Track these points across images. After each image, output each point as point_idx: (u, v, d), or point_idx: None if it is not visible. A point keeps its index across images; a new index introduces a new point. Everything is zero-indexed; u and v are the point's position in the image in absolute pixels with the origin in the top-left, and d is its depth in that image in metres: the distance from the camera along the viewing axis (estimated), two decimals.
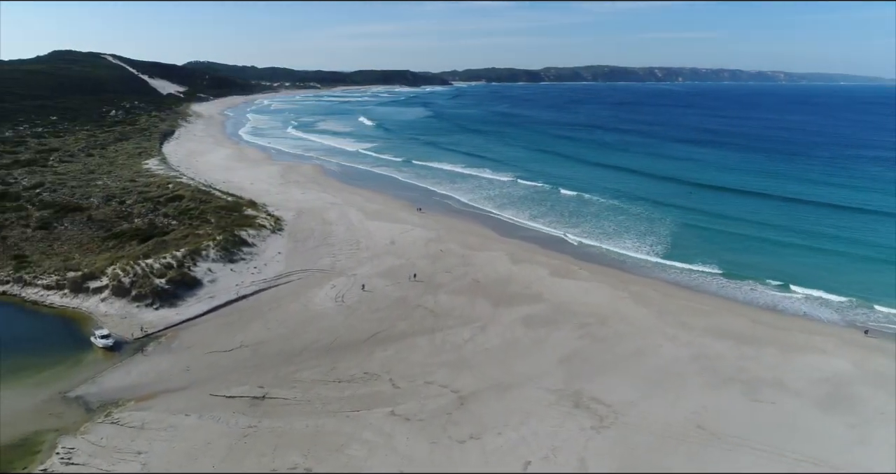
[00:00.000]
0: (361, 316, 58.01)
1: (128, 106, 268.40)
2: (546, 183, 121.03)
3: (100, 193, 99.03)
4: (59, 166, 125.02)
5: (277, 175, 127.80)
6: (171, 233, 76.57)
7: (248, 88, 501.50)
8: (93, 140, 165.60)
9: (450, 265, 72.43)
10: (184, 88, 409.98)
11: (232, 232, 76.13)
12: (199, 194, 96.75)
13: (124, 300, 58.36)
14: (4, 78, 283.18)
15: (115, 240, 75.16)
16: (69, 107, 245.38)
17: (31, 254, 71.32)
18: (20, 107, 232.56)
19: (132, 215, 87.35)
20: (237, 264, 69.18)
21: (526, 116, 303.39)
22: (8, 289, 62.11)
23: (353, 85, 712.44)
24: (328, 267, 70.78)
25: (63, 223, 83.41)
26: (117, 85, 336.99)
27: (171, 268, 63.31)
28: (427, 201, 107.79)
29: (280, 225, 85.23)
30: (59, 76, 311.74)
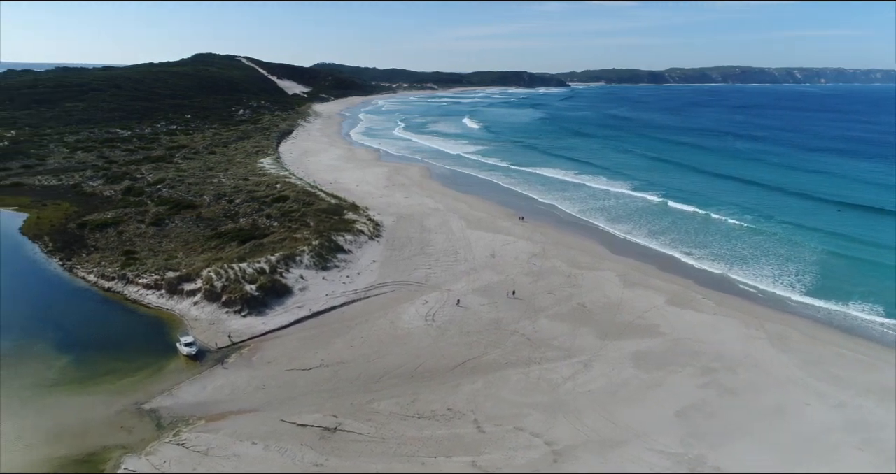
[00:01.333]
0: (451, 339, 53.09)
1: (255, 105, 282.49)
2: (665, 195, 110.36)
3: (212, 191, 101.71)
4: (182, 163, 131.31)
5: (384, 177, 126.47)
6: (269, 236, 75.87)
7: (368, 89, 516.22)
8: (217, 138, 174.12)
9: (553, 284, 65.88)
10: (308, 89, 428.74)
11: (329, 237, 74.11)
12: (303, 195, 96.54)
13: (214, 305, 57.33)
14: (152, 79, 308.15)
15: (217, 240, 75.56)
16: (203, 106, 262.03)
17: (140, 251, 73.11)
18: (161, 105, 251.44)
19: (238, 214, 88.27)
20: (330, 272, 66.74)
21: (643, 120, 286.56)
22: (113, 286, 63.36)
23: (470, 86, 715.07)
24: (422, 279, 66.63)
25: (174, 220, 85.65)
26: (248, 85, 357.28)
27: (263, 273, 61.82)
28: (532, 210, 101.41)
29: (378, 231, 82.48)
30: (198, 77, 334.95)
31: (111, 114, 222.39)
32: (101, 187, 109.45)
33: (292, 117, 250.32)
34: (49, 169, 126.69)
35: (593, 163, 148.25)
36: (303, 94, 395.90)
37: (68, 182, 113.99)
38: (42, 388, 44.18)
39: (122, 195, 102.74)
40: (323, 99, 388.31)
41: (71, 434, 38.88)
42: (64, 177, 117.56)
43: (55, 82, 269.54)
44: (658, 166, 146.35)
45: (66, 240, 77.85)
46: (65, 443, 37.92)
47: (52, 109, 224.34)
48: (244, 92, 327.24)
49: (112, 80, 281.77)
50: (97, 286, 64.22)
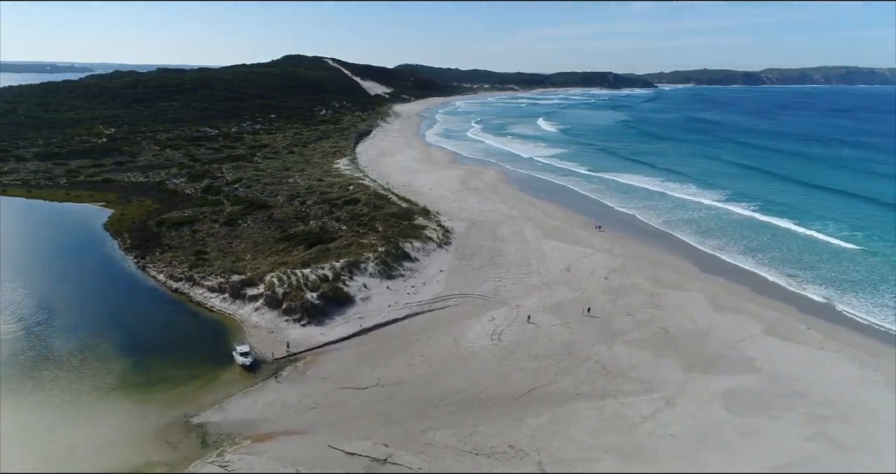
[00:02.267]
0: (518, 362, 48.92)
1: (337, 105, 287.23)
2: (760, 208, 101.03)
3: (286, 192, 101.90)
4: (261, 163, 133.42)
5: (458, 180, 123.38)
6: (336, 241, 74.22)
7: (449, 90, 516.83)
8: (298, 137, 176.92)
9: (633, 305, 60.28)
10: (390, 89, 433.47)
11: (396, 243, 71.52)
12: (374, 198, 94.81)
13: (275, 312, 55.78)
14: (242, 79, 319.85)
15: (285, 242, 74.68)
16: (288, 105, 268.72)
17: (210, 251, 73.24)
18: (249, 105, 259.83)
19: (308, 217, 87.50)
20: (394, 281, 64.02)
21: (733, 124, 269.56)
22: (180, 287, 63.32)
23: (552, 87, 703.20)
24: (490, 293, 62.70)
25: (247, 220, 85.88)
26: (332, 86, 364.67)
27: (325, 280, 59.85)
28: (610, 219, 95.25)
29: (448, 238, 79.22)
30: (285, 78, 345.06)
31: (202, 113, 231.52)
32: (184, 185, 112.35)
33: (372, 117, 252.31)
34: (139, 166, 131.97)
35: (678, 170, 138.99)
36: (384, 95, 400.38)
37: (154, 179, 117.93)
38: (100, 393, 43.64)
39: (201, 193, 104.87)
40: (404, 99, 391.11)
41: (119, 445, 37.74)
42: (151, 175, 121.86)
43: (154, 83, 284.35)
44: (750, 175, 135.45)
45: (143, 237, 79.37)
46: (111, 456, 36.77)
47: (149, 108, 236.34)
48: (328, 92, 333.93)
49: (205, 81, 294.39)
50: (165, 286, 64.44)
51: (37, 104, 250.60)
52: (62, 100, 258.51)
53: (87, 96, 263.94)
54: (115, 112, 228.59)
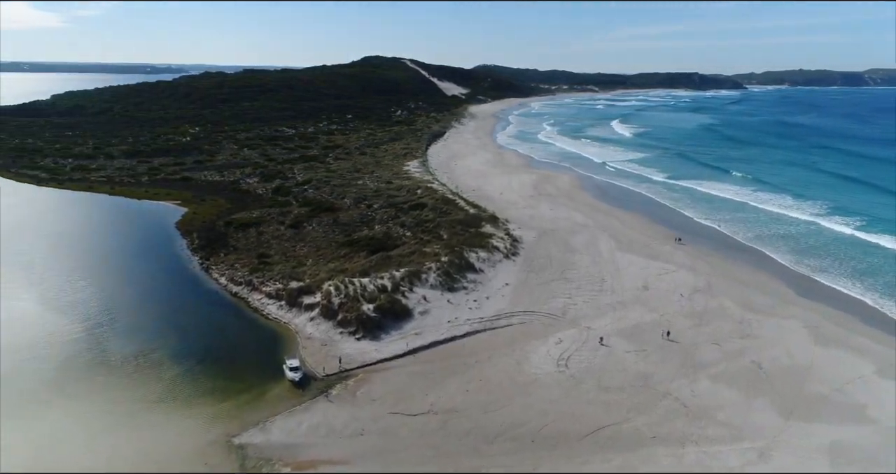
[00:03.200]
0: (586, 393, 44.22)
1: (412, 106, 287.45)
2: (867, 226, 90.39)
3: (354, 194, 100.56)
4: (333, 163, 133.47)
5: (530, 185, 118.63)
6: (399, 248, 71.53)
7: (526, 91, 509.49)
8: (371, 138, 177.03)
9: (720, 332, 54.09)
10: (466, 90, 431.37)
11: (460, 253, 67.99)
12: (442, 203, 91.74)
13: (330, 323, 53.47)
14: (322, 80, 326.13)
15: (348, 247, 72.73)
16: (364, 106, 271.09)
17: (273, 254, 72.22)
18: (327, 105, 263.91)
19: (374, 221, 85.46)
20: (456, 294, 60.48)
21: (833, 129, 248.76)
22: (239, 292, 62.31)
23: (633, 88, 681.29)
24: (559, 312, 58.03)
25: (312, 223, 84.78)
26: (409, 86, 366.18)
27: (384, 291, 57.09)
28: (692, 232, 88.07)
29: (516, 248, 74.94)
30: (363, 78, 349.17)
31: (281, 113, 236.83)
32: (256, 185, 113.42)
33: (446, 118, 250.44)
34: (216, 165, 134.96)
35: (767, 179, 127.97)
36: (460, 96, 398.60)
37: (229, 178, 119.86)
38: (147, 403, 42.47)
39: (271, 194, 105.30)
40: (480, 100, 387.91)
41: (157, 462, 36.13)
42: (226, 174, 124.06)
43: (238, 83, 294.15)
44: (851, 186, 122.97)
45: (210, 237, 79.57)
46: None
47: (233, 108, 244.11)
48: (404, 93, 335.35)
49: (286, 82, 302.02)
50: (226, 289, 63.67)
51: (132, 104, 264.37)
52: (154, 99, 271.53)
53: (177, 96, 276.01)
54: (202, 111, 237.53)
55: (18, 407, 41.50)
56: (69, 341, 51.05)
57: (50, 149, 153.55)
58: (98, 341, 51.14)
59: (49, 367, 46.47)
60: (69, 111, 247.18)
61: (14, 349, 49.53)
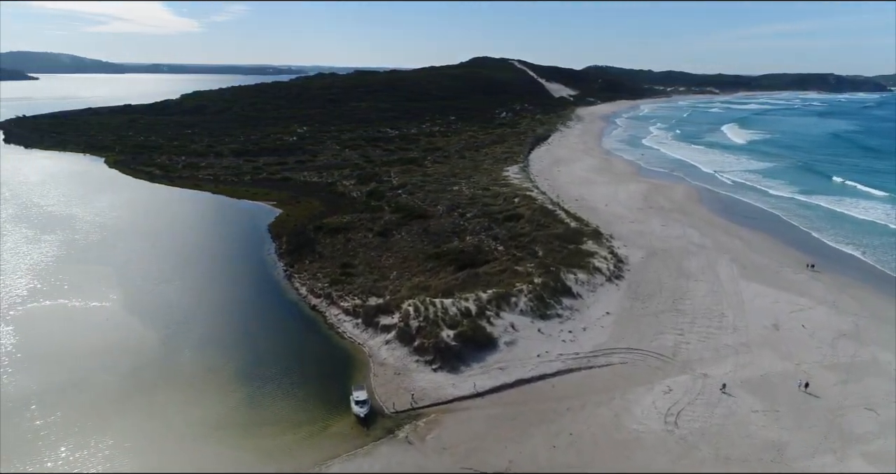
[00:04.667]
0: (700, 464, 36.30)
1: (517, 108, 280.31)
2: None
3: (448, 201, 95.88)
4: (431, 167, 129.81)
5: (639, 196, 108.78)
6: (488, 264, 65.72)
7: (638, 93, 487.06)
8: (472, 141, 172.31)
9: (875, 393, 43.90)
10: (575, 92, 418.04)
11: (556, 274, 61.13)
12: (540, 214, 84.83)
13: (406, 349, 48.65)
14: (428, 81, 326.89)
15: (434, 261, 67.91)
16: (468, 107, 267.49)
17: (357, 264, 68.80)
18: (431, 106, 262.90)
19: (465, 231, 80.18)
20: (548, 322, 53.77)
21: None
22: (318, 305, 59.11)
23: (758, 90, 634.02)
24: (668, 351, 49.85)
25: (401, 231, 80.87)
26: (516, 88, 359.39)
27: (467, 316, 51.54)
28: (828, 258, 75.87)
29: (620, 270, 66.89)
30: (469, 79, 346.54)
31: (386, 113, 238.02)
32: (352, 187, 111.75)
33: (552, 121, 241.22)
34: (316, 165, 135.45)
35: None
36: (568, 97, 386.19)
37: (327, 180, 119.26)
38: (205, 429, 39.58)
39: (365, 197, 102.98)
40: (589, 102, 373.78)
41: None
42: (325, 175, 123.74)
43: (347, 84, 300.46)
44: None
45: (299, 242, 77.57)
46: None
47: (340, 108, 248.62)
48: (510, 94, 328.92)
49: (393, 82, 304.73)
50: (306, 301, 60.75)
51: (248, 103, 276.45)
52: (269, 99, 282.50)
53: (290, 96, 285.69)
54: (310, 111, 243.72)
55: (73, 422, 39.79)
56: (141, 350, 49.68)
57: (168, 147, 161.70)
58: (169, 352, 49.41)
59: (115, 379, 44.94)
60: (192, 110, 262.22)
61: (86, 354, 48.79)
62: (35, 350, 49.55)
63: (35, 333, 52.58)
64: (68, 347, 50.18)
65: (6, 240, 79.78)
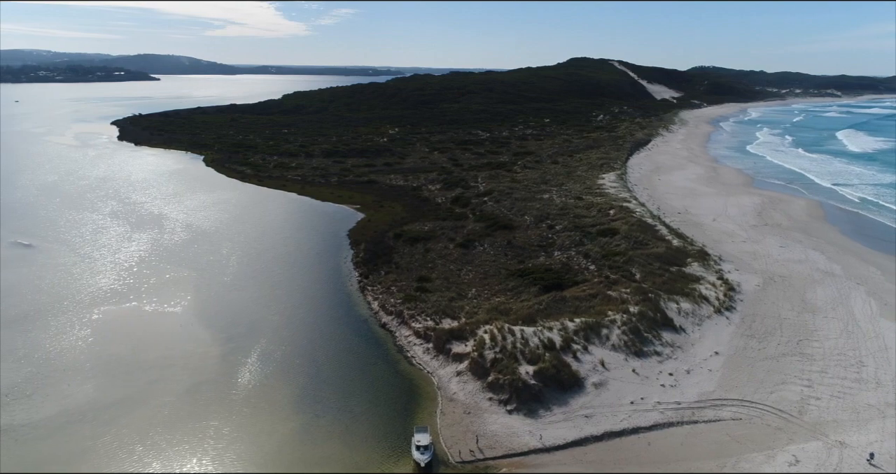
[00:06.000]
0: None
1: (616, 111, 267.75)
2: None
3: (536, 211, 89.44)
4: (520, 172, 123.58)
5: (752, 211, 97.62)
6: (578, 286, 58.98)
7: (749, 95, 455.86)
8: (566, 145, 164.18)
9: None
10: (678, 94, 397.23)
11: (655, 303, 53.67)
12: (637, 230, 76.75)
13: (478, 383, 43.25)
14: (522, 82, 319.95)
15: (517, 279, 62.06)
16: (563, 110, 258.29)
17: (434, 278, 64.15)
18: (525, 108, 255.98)
19: (553, 246, 73.67)
20: (645, 361, 46.61)
21: None
22: (388, 323, 54.93)
23: (887, 93, 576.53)
24: (793, 408, 41.43)
25: (483, 243, 75.54)
26: (615, 89, 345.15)
27: (550, 348, 45.42)
28: None
29: (732, 300, 58.22)
30: (566, 81, 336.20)
31: (478, 115, 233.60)
32: (437, 192, 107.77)
33: (653, 125, 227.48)
34: (404, 168, 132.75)
35: None
36: (671, 100, 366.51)
37: (412, 183, 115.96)
38: (248, 466, 35.95)
39: (449, 203, 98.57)
40: (694, 105, 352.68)
41: None
42: (411, 178, 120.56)
43: (440, 85, 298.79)
44: None
45: (376, 251, 74.14)
46: None
47: (432, 110, 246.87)
48: (608, 96, 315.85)
49: (487, 84, 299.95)
50: (376, 317, 56.79)
51: (344, 104, 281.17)
52: (364, 100, 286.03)
53: (384, 97, 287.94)
54: (403, 112, 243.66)
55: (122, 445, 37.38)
56: (202, 365, 47.30)
57: (263, 146, 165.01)
58: (230, 369, 46.67)
59: (171, 398, 42.53)
60: (291, 109, 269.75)
61: (150, 365, 47.00)
62: (102, 358, 48.44)
63: (106, 339, 51.73)
64: (134, 356, 48.72)
65: (101, 237, 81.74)
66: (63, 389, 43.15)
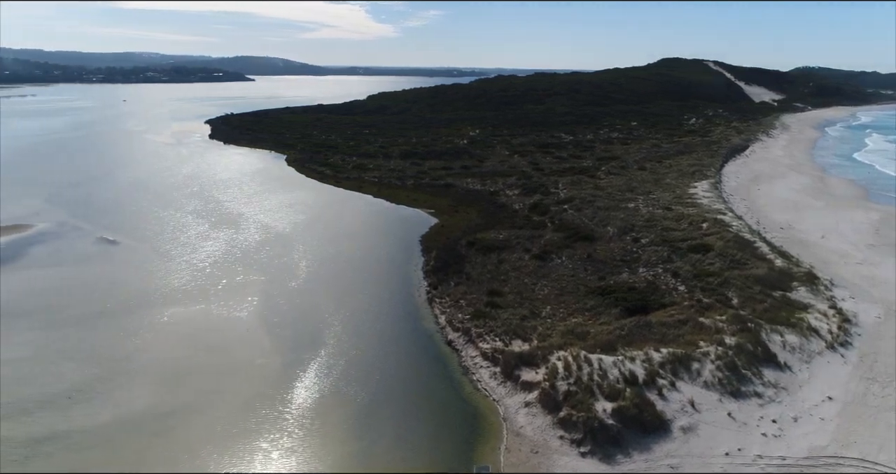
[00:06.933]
0: None
1: (710, 114, 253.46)
2: None
3: (620, 221, 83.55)
4: (604, 178, 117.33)
5: (868, 228, 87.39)
6: (665, 310, 53.36)
7: (859, 98, 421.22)
8: (654, 150, 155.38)
9: None
10: (780, 97, 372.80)
11: (756, 334, 47.43)
12: (734, 247, 69.65)
13: (549, 418, 39.05)
14: (610, 83, 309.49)
15: (597, 297, 57.12)
16: (652, 112, 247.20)
17: (507, 292, 60.24)
18: (612, 111, 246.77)
19: (638, 262, 67.96)
20: (743, 404, 40.79)
21: None
22: (455, 341, 51.55)
23: None
24: None
25: (561, 255, 70.83)
26: (709, 91, 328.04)
27: (632, 383, 40.54)
28: None
29: (846, 334, 50.83)
30: (656, 82, 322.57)
31: (562, 118, 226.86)
32: (514, 198, 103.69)
33: (751, 129, 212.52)
34: (482, 171, 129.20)
35: None
36: (772, 102, 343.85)
37: (490, 188, 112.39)
38: None
39: (527, 211, 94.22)
40: (797, 108, 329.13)
41: None
42: (488, 182, 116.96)
43: (524, 86, 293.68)
44: None
45: (447, 259, 71.08)
46: None
47: (515, 111, 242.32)
48: (702, 98, 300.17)
49: (572, 85, 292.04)
50: (443, 333, 53.58)
51: (427, 105, 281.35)
52: (447, 101, 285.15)
53: (467, 98, 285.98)
54: (485, 114, 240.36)
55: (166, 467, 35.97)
56: (261, 376, 45.68)
57: (344, 146, 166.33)
58: (288, 382, 44.70)
59: (225, 411, 40.92)
60: (375, 110, 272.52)
61: (210, 373, 45.85)
62: (165, 362, 47.83)
63: (171, 342, 51.29)
64: (196, 362, 47.88)
65: (181, 235, 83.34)
66: (123, 394, 42.59)
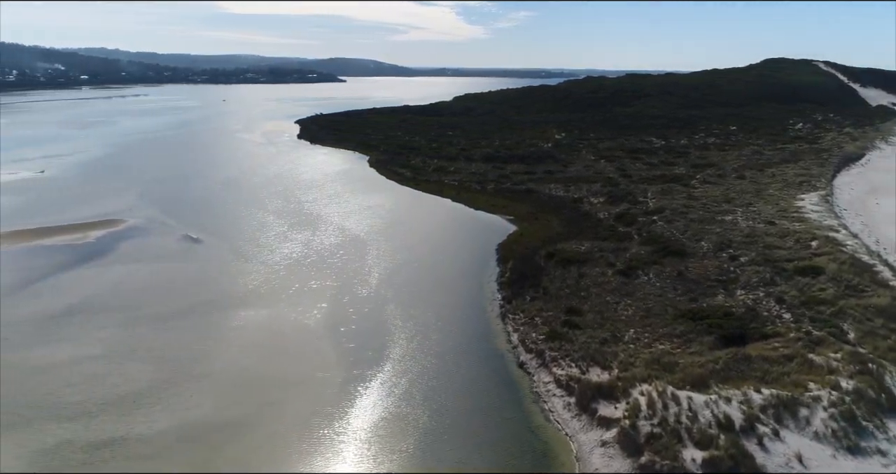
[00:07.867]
0: None
1: (819, 118, 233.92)
2: None
3: (716, 236, 76.71)
4: (698, 188, 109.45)
5: None
6: (766, 341, 47.36)
7: None
8: (756, 158, 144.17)
9: None
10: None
11: (879, 378, 40.92)
12: (849, 271, 61.74)
13: (628, 463, 34.80)
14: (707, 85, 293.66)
15: (687, 323, 51.78)
16: (753, 116, 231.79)
17: (586, 311, 55.96)
18: (708, 114, 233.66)
19: (735, 283, 61.56)
20: (863, 462, 34.84)
21: None
22: (527, 363, 47.99)
23: None
24: None
25: (649, 272, 65.44)
26: (817, 94, 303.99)
27: (727, 428, 35.55)
28: None
29: None
30: (758, 84, 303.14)
31: (654, 121, 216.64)
32: (599, 206, 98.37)
33: (867, 136, 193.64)
34: (566, 177, 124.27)
35: None
36: (891, 106, 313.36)
37: (573, 194, 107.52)
38: None
39: (612, 220, 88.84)
40: None
41: None
42: (572, 189, 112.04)
43: (614, 88, 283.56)
44: None
45: (524, 271, 67.48)
46: None
47: (604, 114, 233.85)
48: (811, 101, 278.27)
49: (665, 87, 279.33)
50: (514, 353, 50.19)
51: (512, 106, 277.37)
52: (533, 103, 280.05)
53: (554, 100, 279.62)
54: (572, 116, 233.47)
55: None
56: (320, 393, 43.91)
57: (426, 148, 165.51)
58: (345, 400, 42.70)
59: (282, 426, 39.40)
60: (460, 111, 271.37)
61: (271, 384, 44.69)
62: (230, 369, 47.23)
63: (238, 348, 50.77)
64: (260, 371, 46.95)
65: (261, 236, 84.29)
66: (184, 401, 42.09)
